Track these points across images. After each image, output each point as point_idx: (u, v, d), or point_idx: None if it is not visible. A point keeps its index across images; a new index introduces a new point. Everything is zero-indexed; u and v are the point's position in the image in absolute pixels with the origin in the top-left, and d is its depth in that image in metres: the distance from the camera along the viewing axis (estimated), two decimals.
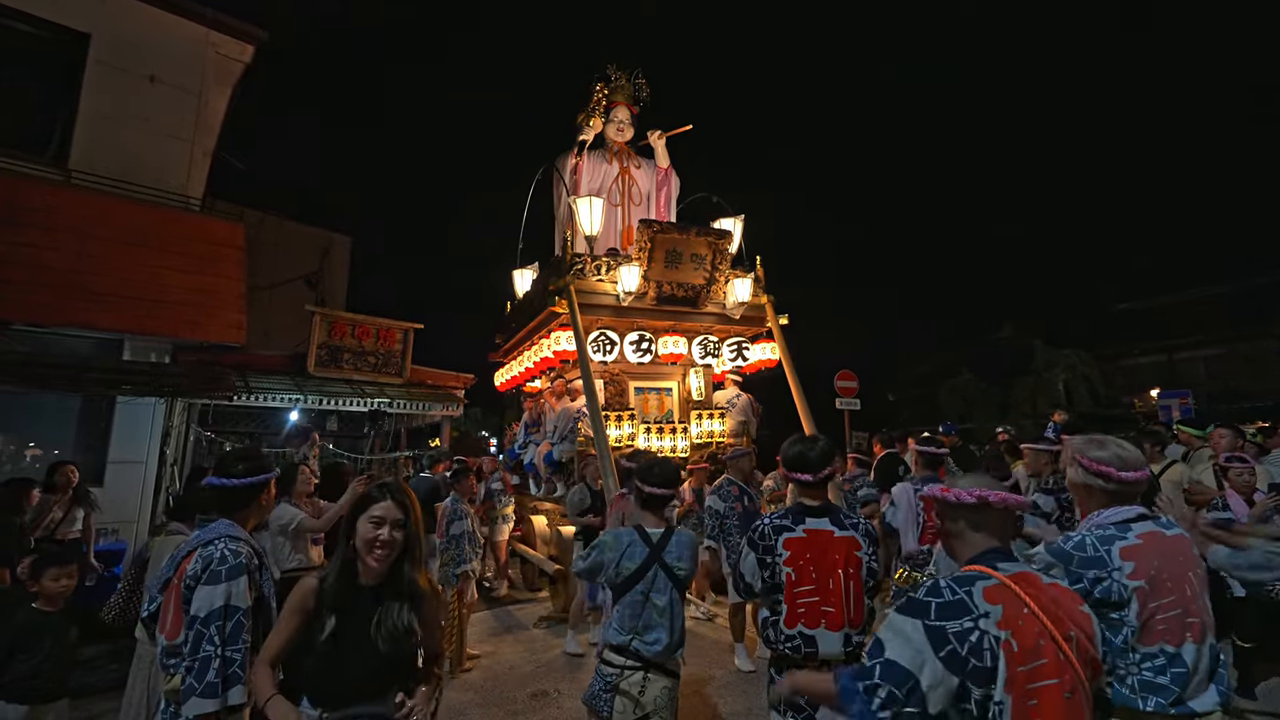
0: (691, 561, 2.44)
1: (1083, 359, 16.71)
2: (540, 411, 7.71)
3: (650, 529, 2.47)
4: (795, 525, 2.21)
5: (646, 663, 2.27)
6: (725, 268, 6.86)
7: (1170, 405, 12.33)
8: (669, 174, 8.14)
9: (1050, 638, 1.23)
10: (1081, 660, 1.25)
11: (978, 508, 1.42)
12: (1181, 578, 1.73)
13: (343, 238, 15.61)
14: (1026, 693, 1.20)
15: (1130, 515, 1.80)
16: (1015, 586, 1.28)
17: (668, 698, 2.26)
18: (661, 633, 2.32)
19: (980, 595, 1.28)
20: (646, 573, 2.36)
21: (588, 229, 6.74)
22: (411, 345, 8.78)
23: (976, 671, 1.21)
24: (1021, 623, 1.24)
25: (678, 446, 6.79)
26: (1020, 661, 1.20)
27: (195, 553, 1.95)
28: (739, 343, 7.19)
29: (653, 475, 2.51)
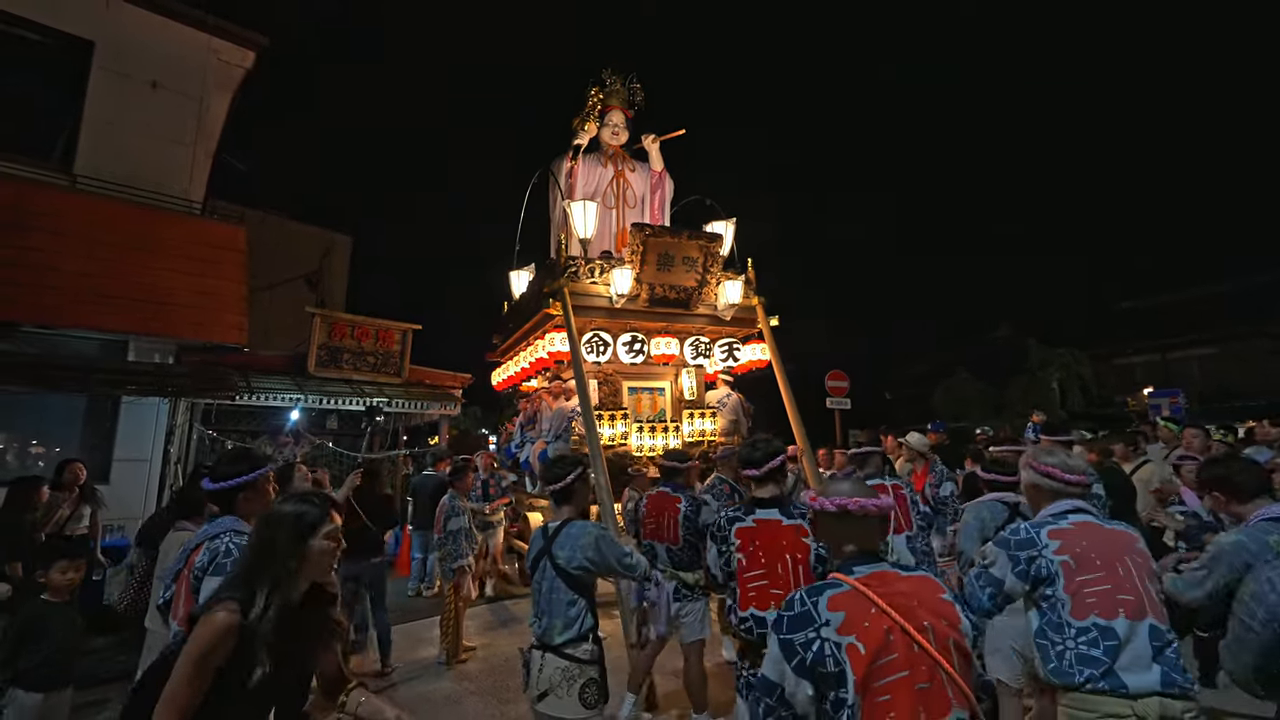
0: (576, 551, 2.44)
1: (1076, 358, 16.83)
2: (536, 410, 7.86)
3: (551, 523, 2.60)
4: (746, 516, 2.46)
5: (541, 644, 2.41)
6: (717, 270, 6.99)
7: (1160, 404, 12.46)
8: (663, 177, 8.27)
9: (901, 631, 1.29)
10: (940, 648, 1.29)
11: (839, 515, 1.49)
12: (1113, 559, 1.87)
13: (343, 238, 15.76)
14: (877, 689, 1.27)
15: (1068, 507, 2.00)
16: (864, 588, 1.35)
17: (562, 677, 2.33)
18: (546, 618, 2.44)
19: (825, 604, 1.36)
20: (539, 563, 2.50)
21: (582, 232, 6.88)
22: (410, 346, 8.95)
23: (824, 677, 1.30)
24: (868, 624, 1.30)
25: (670, 445, 6.94)
26: (868, 661, 1.27)
27: (203, 545, 2.10)
28: (730, 343, 7.34)
29: (548, 474, 2.66)
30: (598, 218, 7.19)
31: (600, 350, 6.59)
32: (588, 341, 6.54)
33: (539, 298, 6.67)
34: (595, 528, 2.51)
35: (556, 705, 2.33)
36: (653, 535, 3.67)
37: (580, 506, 2.67)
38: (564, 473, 2.59)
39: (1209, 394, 16.18)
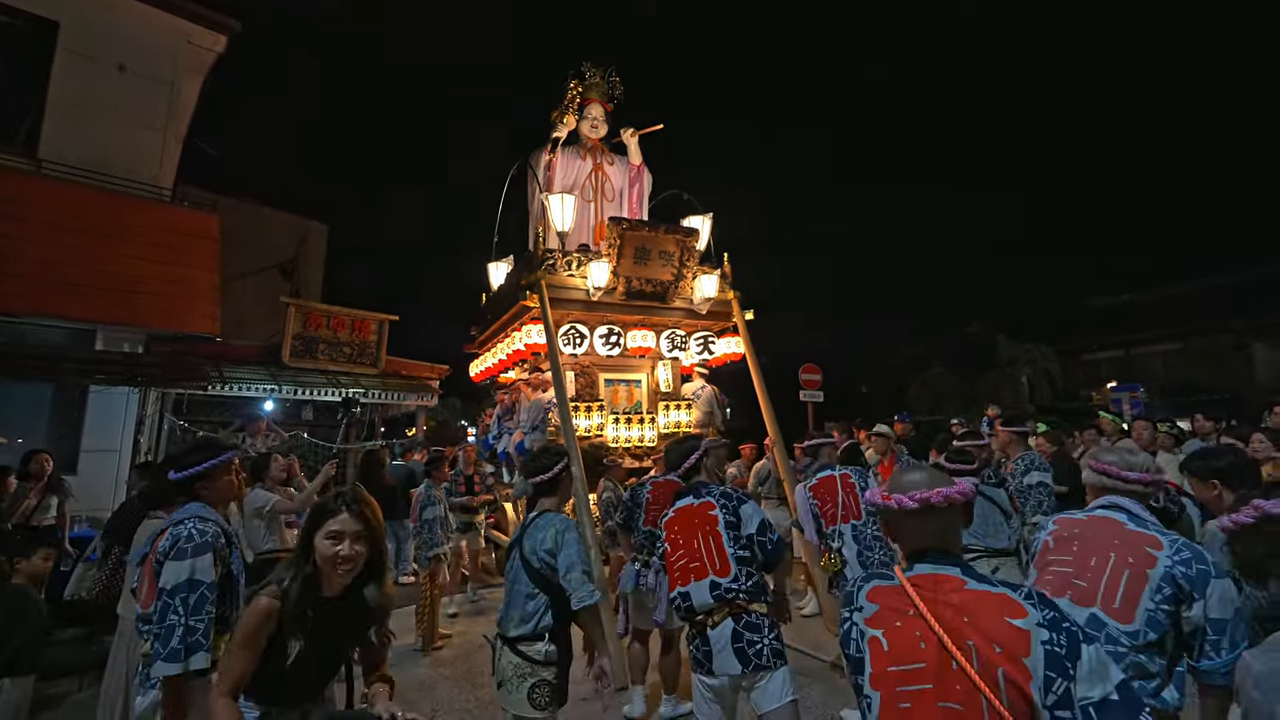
0: (537, 542, 2.44)
1: (1044, 354, 17.29)
2: (514, 402, 7.90)
3: (530, 513, 2.60)
4: (670, 508, 2.69)
5: (502, 637, 2.44)
6: (693, 264, 7.08)
7: (1122, 398, 12.87)
8: (641, 171, 8.32)
9: (937, 642, 1.17)
10: (985, 675, 1.13)
11: (921, 511, 1.32)
12: (1095, 550, 1.85)
13: (319, 226, 15.53)
14: (898, 694, 1.20)
15: (1105, 502, 1.97)
16: (911, 589, 1.26)
17: (514, 672, 2.34)
18: (506, 608, 2.49)
19: (866, 592, 1.33)
20: (511, 551, 2.55)
21: (559, 225, 6.92)
22: (386, 336, 8.92)
23: (850, 658, 1.31)
24: (899, 624, 1.24)
25: (646, 436, 7.05)
26: (889, 661, 1.22)
27: (167, 531, 2.15)
28: (705, 337, 7.44)
29: (529, 466, 2.69)
30: (575, 211, 7.22)
31: (577, 342, 6.65)
32: (565, 334, 6.60)
33: (516, 290, 6.71)
34: (562, 521, 2.47)
35: (508, 698, 2.37)
36: (653, 522, 3.61)
37: (564, 498, 2.70)
38: (550, 464, 2.58)
39: (1171, 388, 16.72)
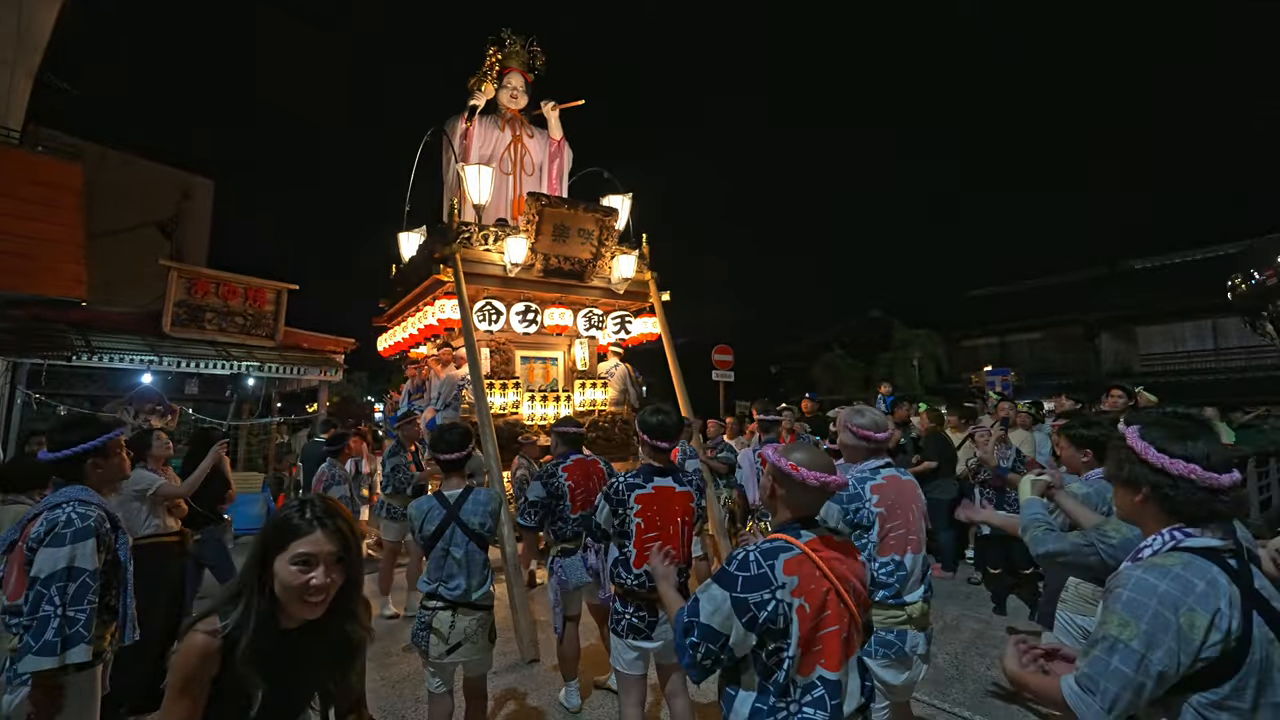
0: (487, 516, 2.75)
1: (933, 339, 18.90)
2: (425, 378, 7.68)
3: (449, 491, 2.76)
4: (646, 483, 2.64)
5: (451, 604, 2.63)
6: (612, 244, 7.13)
7: (995, 381, 14.32)
8: (562, 146, 8.21)
9: (836, 593, 1.50)
10: (857, 603, 1.54)
11: (819, 489, 1.58)
12: (907, 508, 2.38)
13: (204, 181, 14.16)
14: (813, 641, 1.48)
15: (880, 464, 2.44)
16: (812, 553, 1.52)
17: (477, 626, 2.65)
18: (460, 579, 2.66)
19: (781, 568, 1.50)
20: (444, 531, 2.67)
21: (476, 198, 6.73)
22: (285, 306, 8.32)
23: (771, 632, 1.48)
24: (813, 586, 1.49)
25: (561, 414, 7.09)
26: (810, 620, 1.47)
27: (41, 515, 1.99)
28: (623, 316, 7.54)
29: (443, 442, 2.79)
30: (493, 183, 7.05)
31: (493, 319, 6.55)
32: (480, 309, 6.48)
33: (430, 263, 6.49)
34: (499, 494, 2.88)
35: (471, 650, 2.63)
36: (584, 506, 3.52)
37: (468, 474, 2.85)
38: (463, 442, 2.79)
39: (1034, 372, 18.77)
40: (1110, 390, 5.19)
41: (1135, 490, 1.29)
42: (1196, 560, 1.18)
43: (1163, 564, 1.20)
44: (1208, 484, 1.21)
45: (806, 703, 1.47)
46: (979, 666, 4.00)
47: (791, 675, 1.48)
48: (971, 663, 4.07)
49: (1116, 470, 1.35)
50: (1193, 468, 1.22)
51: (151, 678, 3.44)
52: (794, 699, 1.48)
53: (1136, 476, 1.29)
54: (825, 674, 1.48)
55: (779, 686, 1.48)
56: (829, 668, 1.48)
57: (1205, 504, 1.23)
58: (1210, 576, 1.16)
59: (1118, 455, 1.34)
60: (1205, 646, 1.12)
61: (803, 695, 1.48)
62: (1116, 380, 11.62)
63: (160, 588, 3.29)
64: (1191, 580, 1.16)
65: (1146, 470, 1.26)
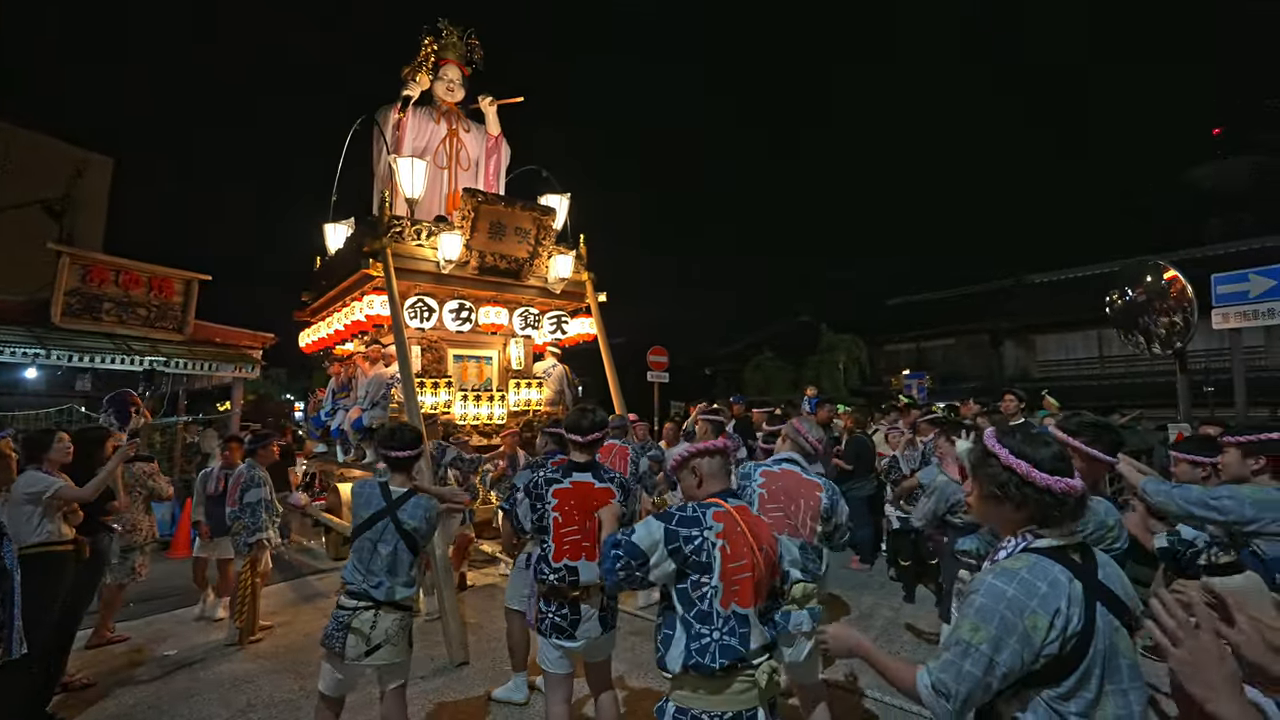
0: (424, 521, 2.73)
1: (856, 343, 19.87)
2: (351, 376, 7.40)
3: (395, 487, 2.75)
4: (564, 478, 2.69)
5: (376, 602, 2.60)
6: (549, 243, 7.12)
7: (912, 384, 15.26)
8: (499, 142, 8.11)
9: (751, 549, 1.90)
10: (766, 564, 1.94)
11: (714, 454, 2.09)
12: (792, 498, 2.69)
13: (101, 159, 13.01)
14: (732, 581, 1.84)
15: (784, 457, 2.82)
16: (735, 514, 1.94)
17: (398, 627, 2.64)
18: (384, 577, 2.63)
19: (711, 515, 1.91)
20: (377, 523, 2.65)
21: (409, 191, 6.55)
22: (195, 297, 7.78)
23: (696, 564, 1.84)
24: (734, 536, 1.89)
25: (495, 414, 7.02)
26: (731, 560, 1.85)
27: None
28: (559, 316, 7.54)
29: (394, 439, 2.78)
30: (427, 177, 6.88)
31: (425, 316, 6.40)
32: (411, 306, 6.32)
33: (358, 256, 6.26)
34: (438, 506, 2.84)
35: (391, 653, 2.60)
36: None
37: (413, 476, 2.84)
38: (415, 442, 2.79)
39: (947, 376, 20.10)
40: (1004, 395, 5.67)
41: (1019, 509, 1.33)
42: (1041, 562, 1.26)
43: (1012, 568, 1.27)
44: (1062, 490, 1.27)
45: (726, 630, 1.81)
46: (890, 650, 4.29)
47: (714, 605, 1.81)
48: (884, 648, 4.35)
49: (999, 491, 1.35)
50: (1061, 482, 1.28)
51: (38, 695, 3.18)
52: (715, 626, 1.81)
53: (1017, 496, 1.32)
54: (738, 609, 1.83)
55: (702, 614, 1.82)
56: (741, 604, 1.84)
57: (1070, 513, 1.30)
58: (1052, 577, 1.24)
59: (1000, 476, 1.35)
60: (1045, 645, 1.21)
61: (723, 624, 1.81)
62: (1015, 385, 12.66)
63: (50, 599, 3.04)
64: (1035, 583, 1.23)
65: (1030, 490, 1.30)
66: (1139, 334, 6.44)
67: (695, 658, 1.79)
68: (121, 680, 3.95)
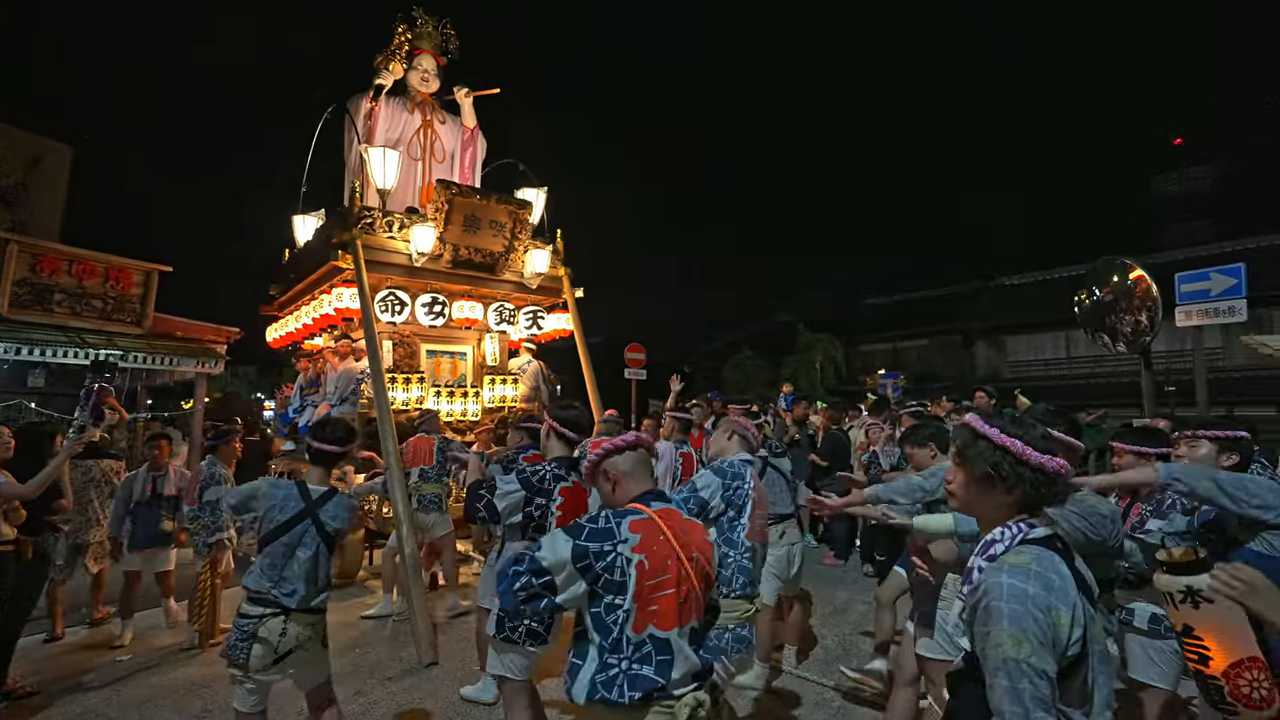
0: (345, 522, 2.60)
1: (833, 343, 20.09)
2: (320, 372, 7.22)
3: (313, 485, 2.55)
4: (568, 475, 2.58)
5: (285, 610, 2.40)
6: (525, 237, 7.01)
7: (887, 384, 15.41)
8: (475, 135, 7.98)
9: (676, 558, 1.60)
10: (698, 575, 1.64)
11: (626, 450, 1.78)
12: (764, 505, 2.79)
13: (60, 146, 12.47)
14: (649, 601, 1.55)
15: (748, 459, 2.80)
16: (658, 520, 1.63)
17: (311, 632, 2.47)
18: (300, 584, 2.44)
19: (626, 525, 1.60)
20: (295, 526, 2.45)
21: (380, 182, 6.40)
22: (155, 289, 7.48)
23: (608, 584, 1.54)
24: (655, 547, 1.58)
25: (469, 410, 6.90)
26: (649, 577, 1.55)
27: None
28: (535, 312, 7.44)
29: (324, 431, 2.60)
30: (400, 168, 6.74)
31: (396, 310, 6.26)
32: (383, 300, 6.17)
33: (327, 248, 6.09)
34: (356, 502, 2.76)
35: (303, 659, 2.45)
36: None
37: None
38: (345, 438, 2.62)
39: (921, 376, 20.40)
40: (975, 392, 5.73)
41: (1008, 490, 1.25)
42: (1044, 553, 1.19)
43: (1020, 564, 1.17)
44: (1053, 469, 1.22)
45: (637, 659, 1.54)
46: (864, 645, 4.30)
47: (625, 631, 1.54)
48: (857, 642, 4.37)
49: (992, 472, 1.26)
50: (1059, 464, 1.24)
51: None
52: (626, 655, 1.54)
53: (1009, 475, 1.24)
54: (657, 633, 1.55)
55: (614, 642, 1.55)
56: (661, 627, 1.55)
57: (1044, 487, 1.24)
58: (1058, 568, 1.17)
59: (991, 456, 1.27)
60: (1070, 643, 1.12)
61: (634, 652, 1.54)
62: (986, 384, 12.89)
63: None
64: (1050, 577, 1.15)
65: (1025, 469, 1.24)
66: (1105, 333, 6.56)
67: (601, 690, 1.53)
68: (69, 687, 3.77)
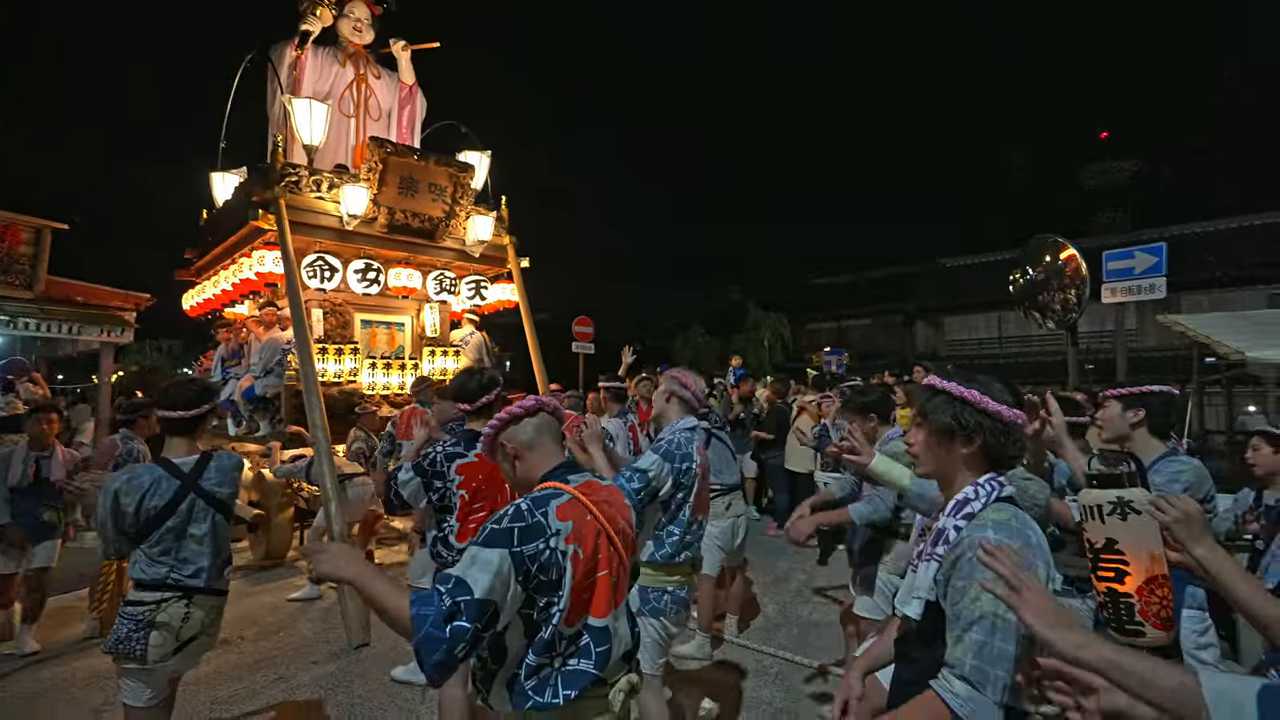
0: (234, 485, 2.35)
1: (781, 321, 20.44)
2: (243, 342, 6.75)
3: (178, 459, 2.25)
4: (467, 450, 2.37)
5: (188, 590, 2.17)
6: (467, 203, 6.69)
7: (832, 360, 15.77)
8: (414, 92, 7.51)
9: (605, 535, 1.42)
10: (625, 547, 1.48)
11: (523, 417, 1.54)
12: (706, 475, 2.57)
13: None
14: (583, 590, 1.37)
15: (691, 424, 2.50)
16: (582, 497, 1.43)
17: (216, 614, 2.28)
18: (204, 560, 2.21)
19: (554, 514, 1.36)
20: (179, 505, 2.17)
21: (306, 137, 5.93)
22: (48, 248, 6.74)
23: (542, 585, 1.31)
24: (586, 532, 1.39)
25: (407, 383, 6.60)
26: (584, 565, 1.37)
27: None
28: (478, 281, 7.15)
29: (167, 398, 2.27)
30: (329, 123, 6.27)
31: (326, 276, 5.87)
32: (310, 265, 5.78)
33: (248, 207, 5.63)
34: (239, 457, 2.43)
35: (205, 645, 2.30)
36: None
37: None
38: (195, 400, 2.26)
39: (865, 354, 21.05)
40: (915, 366, 5.88)
41: (969, 441, 1.24)
42: (1019, 511, 1.19)
43: (1003, 520, 1.17)
44: (1011, 418, 1.23)
45: (571, 654, 1.37)
46: (803, 612, 4.37)
47: (558, 628, 1.34)
48: (797, 609, 4.44)
49: (949, 421, 1.25)
50: (1017, 413, 1.23)
51: None
52: (559, 653, 1.36)
53: (970, 425, 1.23)
54: (592, 622, 1.39)
55: (544, 644, 1.34)
56: (596, 614, 1.40)
57: (1018, 450, 1.26)
58: (1033, 526, 1.18)
59: (951, 408, 1.26)
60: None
61: (567, 648, 1.37)
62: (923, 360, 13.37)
63: None
64: (1027, 533, 1.15)
65: (984, 418, 1.23)
66: (1037, 310, 6.83)
67: (534, 697, 1.34)
68: None
